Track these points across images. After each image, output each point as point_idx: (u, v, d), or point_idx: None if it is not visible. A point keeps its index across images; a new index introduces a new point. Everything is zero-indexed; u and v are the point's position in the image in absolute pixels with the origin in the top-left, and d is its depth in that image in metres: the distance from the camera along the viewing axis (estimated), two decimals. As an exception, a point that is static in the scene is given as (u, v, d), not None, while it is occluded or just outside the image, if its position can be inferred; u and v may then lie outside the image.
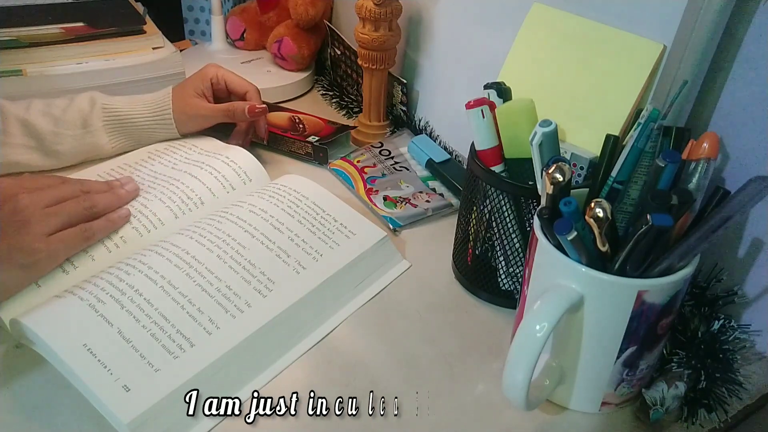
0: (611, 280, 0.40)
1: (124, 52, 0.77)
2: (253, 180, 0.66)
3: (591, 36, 0.54)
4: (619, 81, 0.52)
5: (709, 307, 0.51)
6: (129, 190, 0.59)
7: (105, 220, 0.55)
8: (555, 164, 0.41)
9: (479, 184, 0.53)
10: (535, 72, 0.57)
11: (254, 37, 0.96)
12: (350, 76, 0.88)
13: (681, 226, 0.42)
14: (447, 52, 0.74)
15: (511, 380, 0.40)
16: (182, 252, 0.52)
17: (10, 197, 0.50)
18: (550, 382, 0.45)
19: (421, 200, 0.68)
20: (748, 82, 0.49)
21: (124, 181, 0.60)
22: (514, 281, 0.54)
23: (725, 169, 0.52)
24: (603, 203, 0.39)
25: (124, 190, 0.59)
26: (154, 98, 0.69)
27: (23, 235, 0.49)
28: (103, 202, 0.56)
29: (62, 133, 0.65)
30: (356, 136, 0.80)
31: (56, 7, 0.81)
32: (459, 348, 0.52)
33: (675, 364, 0.47)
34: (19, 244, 0.48)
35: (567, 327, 0.43)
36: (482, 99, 0.51)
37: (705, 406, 0.46)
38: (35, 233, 0.49)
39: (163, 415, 0.43)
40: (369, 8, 0.70)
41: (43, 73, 0.72)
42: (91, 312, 0.46)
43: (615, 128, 0.51)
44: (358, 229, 0.59)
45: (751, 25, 0.48)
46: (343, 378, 0.48)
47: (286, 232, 0.57)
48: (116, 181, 0.60)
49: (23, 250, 0.48)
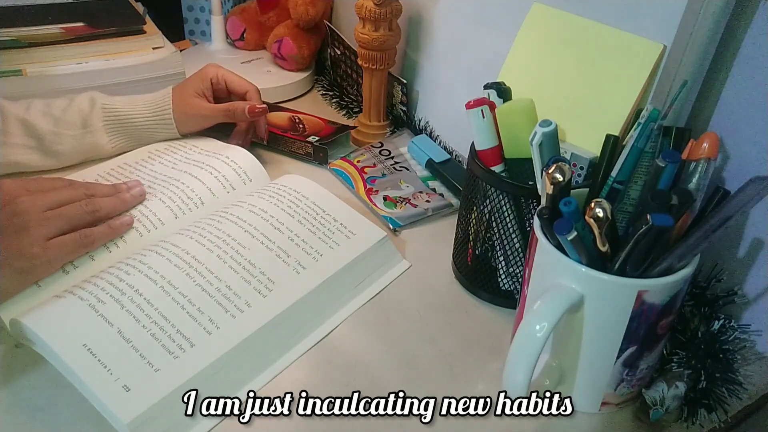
0: (611, 280, 0.40)
1: (124, 52, 0.77)
2: (254, 180, 0.66)
3: (591, 36, 0.54)
4: (619, 81, 0.52)
5: (709, 307, 0.51)
6: (135, 195, 0.58)
7: (107, 226, 0.54)
8: (555, 164, 0.41)
9: (479, 184, 0.53)
10: (535, 72, 0.57)
11: (254, 37, 0.96)
12: (350, 76, 0.88)
13: (681, 226, 0.42)
14: (447, 52, 0.74)
15: (511, 380, 0.40)
16: (182, 252, 0.52)
17: (11, 199, 0.50)
18: (550, 382, 0.45)
19: (421, 200, 0.68)
20: (748, 82, 0.49)
21: (131, 185, 0.59)
22: (514, 281, 0.54)
23: (725, 169, 0.52)
24: (603, 203, 0.39)
25: (129, 195, 0.58)
26: (154, 98, 0.69)
27: (21, 238, 0.48)
28: (107, 206, 0.55)
29: (62, 133, 0.65)
30: (356, 136, 0.80)
31: (56, 7, 0.81)
32: (459, 348, 0.52)
33: (675, 364, 0.47)
34: (16, 248, 0.48)
35: (567, 327, 0.43)
36: (482, 99, 0.51)
37: (705, 406, 0.46)
38: (33, 237, 0.49)
39: (164, 414, 0.43)
40: (369, 8, 0.70)
41: (43, 73, 0.72)
42: (91, 312, 0.46)
43: (615, 128, 0.51)
44: (358, 229, 0.59)
45: (751, 25, 0.48)
46: (343, 378, 0.48)
47: (286, 232, 0.57)
48: (122, 185, 0.59)
49: (20, 255, 0.48)
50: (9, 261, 0.47)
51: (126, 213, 0.57)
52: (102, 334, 0.45)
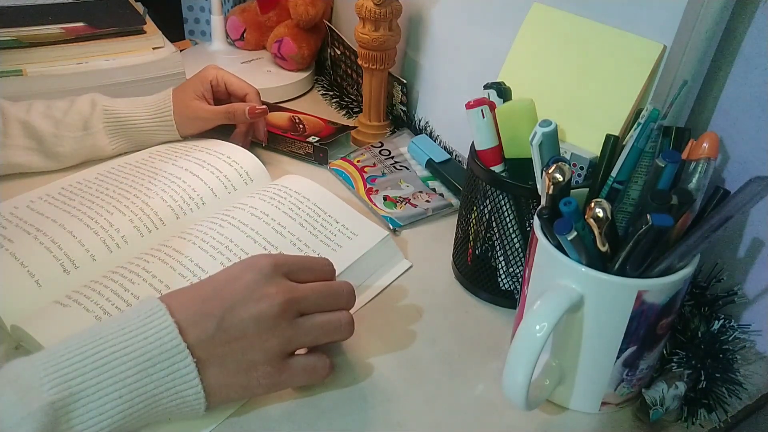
0: (611, 280, 0.40)
1: (124, 52, 0.77)
2: (255, 180, 0.66)
3: (591, 36, 0.54)
4: (619, 81, 0.52)
5: (709, 307, 0.51)
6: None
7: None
8: (555, 164, 0.41)
9: (479, 184, 0.53)
10: (535, 72, 0.57)
11: (254, 37, 0.96)
12: (350, 76, 0.88)
13: (681, 226, 0.42)
14: (447, 52, 0.74)
15: (511, 380, 0.40)
16: (185, 259, 0.52)
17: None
18: (550, 382, 0.45)
19: (421, 200, 0.68)
20: (748, 82, 0.49)
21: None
22: (514, 281, 0.54)
23: (725, 169, 0.52)
24: (603, 203, 0.39)
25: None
26: (155, 100, 0.69)
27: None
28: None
29: (63, 135, 0.65)
30: (356, 136, 0.80)
31: (56, 7, 0.81)
32: (459, 348, 0.52)
33: (675, 364, 0.47)
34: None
35: (567, 327, 0.43)
36: (482, 99, 0.51)
37: (705, 406, 0.46)
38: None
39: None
40: (369, 8, 0.70)
41: (43, 73, 0.72)
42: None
43: (615, 128, 0.51)
44: (359, 229, 0.59)
45: (751, 25, 0.48)
46: (343, 378, 0.48)
47: (288, 236, 0.57)
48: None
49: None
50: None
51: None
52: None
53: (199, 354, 0.40)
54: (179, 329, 0.40)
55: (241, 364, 0.42)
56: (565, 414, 0.47)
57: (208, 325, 0.41)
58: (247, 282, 0.43)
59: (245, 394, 0.44)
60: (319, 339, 0.45)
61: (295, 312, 0.44)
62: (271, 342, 0.42)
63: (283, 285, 0.44)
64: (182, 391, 0.40)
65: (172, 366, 0.40)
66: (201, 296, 0.43)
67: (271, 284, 0.43)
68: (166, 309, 0.41)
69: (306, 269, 0.46)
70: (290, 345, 0.44)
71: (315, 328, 0.44)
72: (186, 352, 0.40)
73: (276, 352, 0.43)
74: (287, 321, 0.43)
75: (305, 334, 0.44)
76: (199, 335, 0.41)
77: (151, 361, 0.39)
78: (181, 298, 0.43)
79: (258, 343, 0.42)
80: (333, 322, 0.45)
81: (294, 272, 0.45)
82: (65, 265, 0.52)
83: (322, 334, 0.45)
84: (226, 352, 0.41)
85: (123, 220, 0.57)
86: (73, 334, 0.40)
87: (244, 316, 0.42)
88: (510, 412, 0.46)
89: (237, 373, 0.42)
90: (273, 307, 0.42)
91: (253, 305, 0.42)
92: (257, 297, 0.42)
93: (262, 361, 0.42)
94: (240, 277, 0.43)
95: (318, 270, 0.47)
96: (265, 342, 0.42)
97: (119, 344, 0.39)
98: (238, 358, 0.42)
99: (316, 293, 0.45)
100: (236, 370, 0.42)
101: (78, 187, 0.61)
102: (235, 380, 0.42)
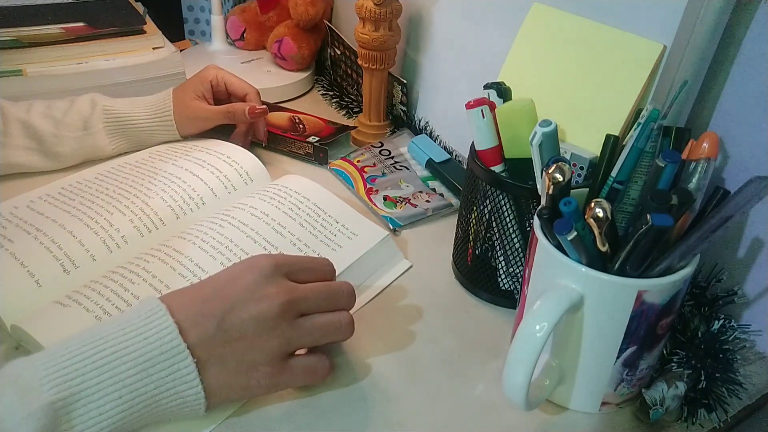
0: (611, 280, 0.40)
1: (124, 52, 0.77)
2: (255, 180, 0.66)
3: (591, 36, 0.54)
4: (619, 81, 0.52)
5: (709, 307, 0.51)
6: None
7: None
8: (555, 164, 0.41)
9: (479, 184, 0.53)
10: (535, 72, 0.57)
11: (254, 37, 0.96)
12: (350, 76, 0.88)
13: (681, 226, 0.42)
14: (447, 52, 0.74)
15: (511, 380, 0.40)
16: (186, 259, 0.52)
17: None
18: (550, 382, 0.45)
19: (421, 200, 0.68)
20: (748, 82, 0.49)
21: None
22: (514, 281, 0.54)
23: (725, 169, 0.52)
24: (603, 203, 0.39)
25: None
26: (155, 100, 0.69)
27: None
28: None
29: (63, 135, 0.65)
30: (356, 136, 0.80)
31: (56, 7, 0.81)
32: (459, 348, 0.52)
33: (675, 364, 0.47)
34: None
35: (567, 327, 0.43)
36: (482, 99, 0.51)
37: (705, 406, 0.46)
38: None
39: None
40: (369, 8, 0.70)
41: (44, 73, 0.72)
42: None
43: (615, 128, 0.51)
44: (359, 229, 0.59)
45: (751, 25, 0.48)
46: (343, 378, 0.48)
47: (288, 236, 0.57)
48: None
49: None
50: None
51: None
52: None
53: (199, 354, 0.40)
54: (179, 329, 0.40)
55: (241, 364, 0.42)
56: (565, 414, 0.47)
57: (209, 326, 0.41)
58: (247, 282, 0.43)
59: (245, 394, 0.44)
60: (320, 339, 0.45)
61: (296, 312, 0.44)
62: (272, 342, 0.42)
63: (284, 285, 0.44)
64: (182, 392, 0.40)
65: (173, 366, 0.40)
66: (201, 296, 0.43)
67: (272, 285, 0.43)
68: (167, 309, 0.41)
69: (306, 269, 0.46)
70: (290, 345, 0.44)
71: (315, 328, 0.44)
72: (186, 352, 0.40)
73: (276, 352, 0.43)
74: (287, 321, 0.43)
75: (305, 335, 0.44)
76: (200, 335, 0.41)
77: (151, 362, 0.39)
78: (181, 298, 0.43)
79: (258, 343, 0.42)
80: (333, 323, 0.45)
81: (294, 272, 0.45)
82: (65, 265, 0.52)
83: (322, 335, 0.45)
84: (227, 352, 0.41)
85: (123, 220, 0.57)
86: (73, 335, 0.40)
87: (245, 316, 0.42)
88: (510, 412, 0.46)
89: (237, 374, 0.42)
90: (273, 307, 0.42)
91: (253, 306, 0.42)
92: (257, 297, 0.42)
93: (262, 361, 0.42)
94: (240, 277, 0.43)
95: (318, 270, 0.47)
96: (265, 342, 0.42)
97: (119, 344, 0.39)
98: (238, 358, 0.42)
99: (316, 294, 0.45)
100: (236, 371, 0.42)
101: (78, 187, 0.61)
102: (235, 381, 0.42)
